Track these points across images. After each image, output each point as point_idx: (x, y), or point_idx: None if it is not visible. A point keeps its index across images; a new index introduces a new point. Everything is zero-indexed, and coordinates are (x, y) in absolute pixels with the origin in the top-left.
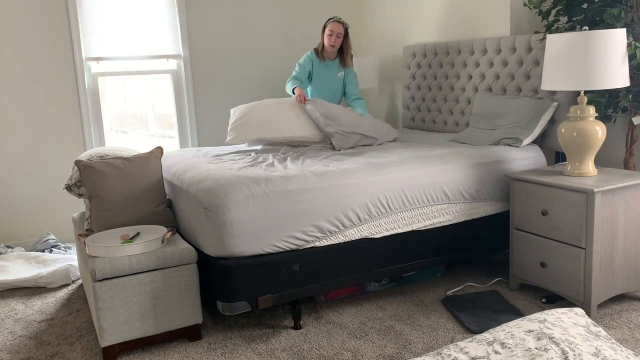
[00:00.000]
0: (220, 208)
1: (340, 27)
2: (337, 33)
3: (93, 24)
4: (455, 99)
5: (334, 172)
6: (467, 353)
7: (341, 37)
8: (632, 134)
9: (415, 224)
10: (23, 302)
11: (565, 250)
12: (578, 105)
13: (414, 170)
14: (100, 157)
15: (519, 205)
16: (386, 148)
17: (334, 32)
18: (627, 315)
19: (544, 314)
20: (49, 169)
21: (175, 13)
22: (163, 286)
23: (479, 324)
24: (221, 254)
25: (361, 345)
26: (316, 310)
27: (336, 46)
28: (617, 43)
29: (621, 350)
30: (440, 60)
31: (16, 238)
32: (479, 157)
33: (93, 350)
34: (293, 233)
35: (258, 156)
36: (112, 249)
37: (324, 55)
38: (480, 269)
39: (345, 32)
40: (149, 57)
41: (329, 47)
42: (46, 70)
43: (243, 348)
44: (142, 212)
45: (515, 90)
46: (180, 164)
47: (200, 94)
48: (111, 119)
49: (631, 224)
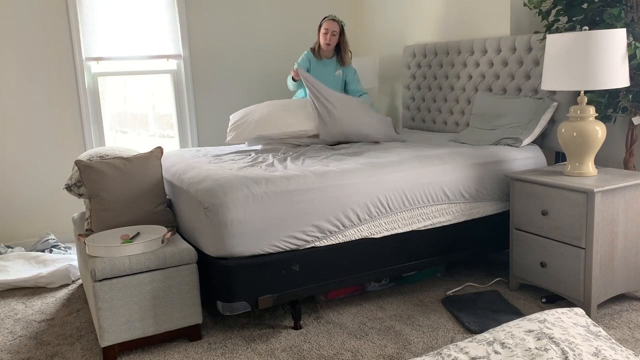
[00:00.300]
0: (220, 208)
1: (335, 25)
2: (332, 31)
3: (93, 24)
4: (455, 99)
5: (334, 172)
6: (467, 353)
7: (337, 35)
8: (632, 134)
9: (415, 224)
10: (23, 302)
11: (565, 250)
12: (578, 105)
13: (414, 170)
14: (100, 157)
15: (519, 205)
16: (386, 148)
17: (329, 30)
18: (627, 315)
19: (544, 314)
20: (49, 169)
21: (175, 13)
22: (163, 286)
23: (479, 324)
24: (221, 254)
25: (361, 345)
26: (316, 310)
27: (332, 44)
28: (617, 43)
29: (621, 350)
30: (440, 60)
31: (16, 238)
32: (479, 157)
33: (93, 350)
34: (293, 233)
35: (258, 156)
36: (112, 249)
37: (321, 54)
38: (480, 269)
39: (341, 29)
40: (149, 57)
41: (325, 45)
42: (46, 70)
43: (243, 348)
44: (142, 212)
45: (515, 90)
46: (180, 164)
47: (200, 94)
48: (111, 119)
49: (631, 224)
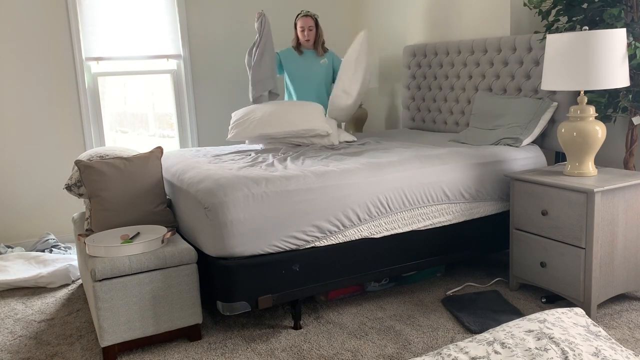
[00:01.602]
0: (220, 208)
1: (310, 21)
2: (308, 27)
3: (93, 24)
4: (456, 98)
5: (334, 172)
6: (467, 353)
7: (313, 30)
8: (632, 134)
9: (415, 224)
10: (23, 302)
11: (565, 250)
12: (578, 105)
13: (414, 170)
14: (100, 157)
15: (519, 205)
16: (386, 148)
17: (305, 26)
18: (627, 315)
19: (544, 314)
20: (49, 169)
21: (175, 13)
22: (163, 286)
23: (479, 324)
24: (221, 254)
25: (361, 345)
26: (316, 310)
27: (311, 39)
28: (617, 43)
29: (621, 350)
30: (440, 60)
31: (16, 238)
32: (479, 157)
33: (93, 350)
34: (293, 233)
35: (258, 156)
36: (112, 249)
37: (301, 50)
38: (480, 269)
39: (316, 22)
40: (149, 57)
41: (305, 42)
42: (46, 70)
43: (243, 348)
44: (142, 212)
45: (516, 90)
46: (180, 164)
47: (200, 94)
48: (111, 119)
49: (631, 224)
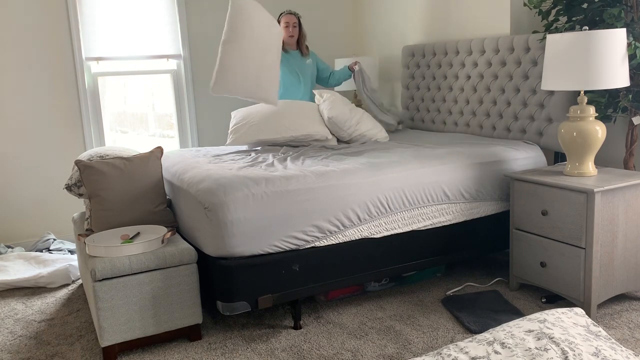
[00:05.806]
0: (220, 208)
1: (293, 18)
2: (292, 23)
3: (93, 24)
4: (454, 99)
5: (334, 172)
6: (467, 353)
7: (297, 27)
8: (632, 134)
9: (415, 224)
10: (23, 302)
11: (565, 250)
12: (578, 105)
13: (414, 170)
14: (100, 157)
15: (519, 205)
16: (386, 148)
17: (290, 23)
18: (627, 315)
19: (544, 314)
20: (49, 169)
21: (175, 13)
22: (163, 286)
23: (479, 324)
24: (221, 254)
25: (361, 345)
26: (316, 310)
27: (295, 36)
28: (617, 43)
29: (621, 350)
30: (439, 60)
31: (16, 238)
32: (479, 157)
33: (93, 350)
34: (293, 233)
35: (258, 156)
36: (112, 249)
37: (286, 48)
38: (480, 269)
39: (299, 21)
40: (149, 57)
41: (289, 38)
42: (46, 70)
43: (243, 348)
44: (142, 212)
45: (514, 90)
46: (180, 164)
47: (200, 94)
48: (111, 119)
49: (631, 224)
